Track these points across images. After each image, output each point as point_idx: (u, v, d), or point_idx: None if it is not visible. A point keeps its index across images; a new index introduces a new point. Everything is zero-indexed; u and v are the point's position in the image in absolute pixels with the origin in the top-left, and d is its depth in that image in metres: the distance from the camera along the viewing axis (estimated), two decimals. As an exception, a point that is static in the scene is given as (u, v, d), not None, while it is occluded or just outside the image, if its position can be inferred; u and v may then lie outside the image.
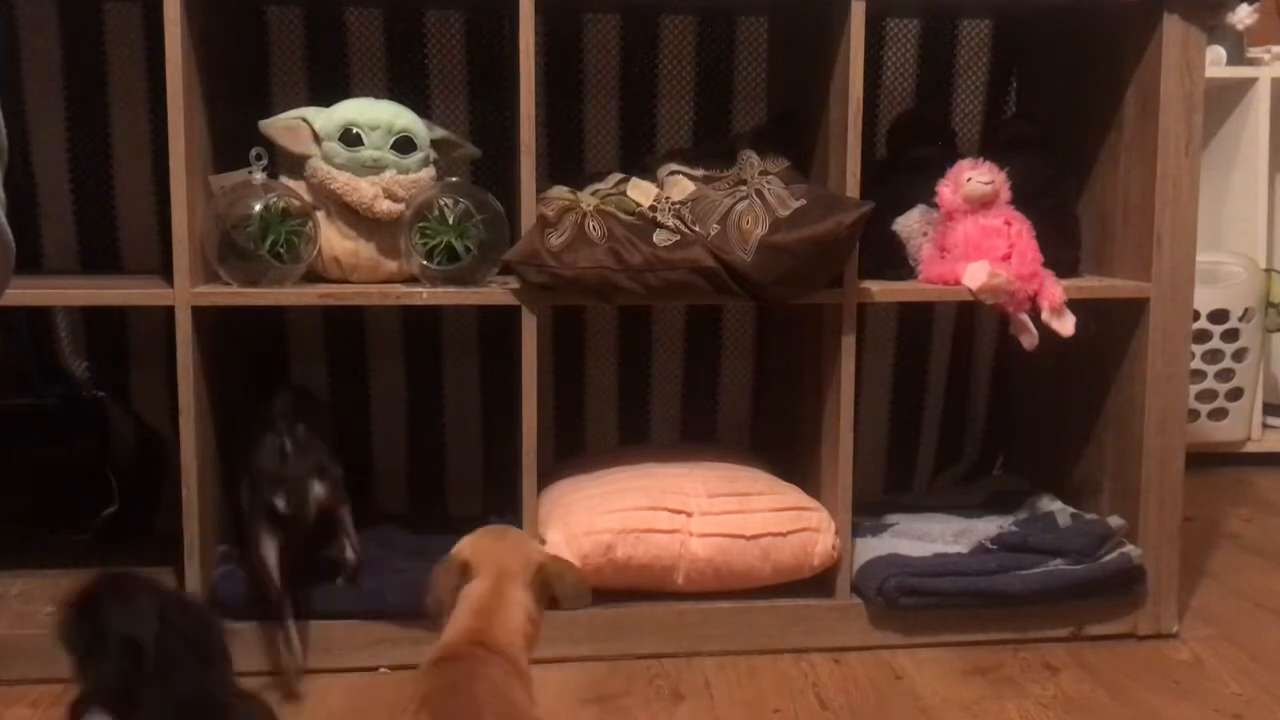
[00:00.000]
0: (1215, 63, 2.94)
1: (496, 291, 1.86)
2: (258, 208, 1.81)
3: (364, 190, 1.86)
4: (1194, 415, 3.01)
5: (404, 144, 1.89)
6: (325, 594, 1.85)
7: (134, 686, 1.19)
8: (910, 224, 2.06)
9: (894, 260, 2.05)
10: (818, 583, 1.97)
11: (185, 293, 1.78)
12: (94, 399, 2.17)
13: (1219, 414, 3.06)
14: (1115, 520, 2.00)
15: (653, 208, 1.91)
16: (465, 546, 1.38)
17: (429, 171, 1.92)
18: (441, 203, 1.86)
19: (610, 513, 1.90)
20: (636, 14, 2.26)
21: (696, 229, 1.87)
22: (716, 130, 2.30)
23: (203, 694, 1.22)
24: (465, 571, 1.35)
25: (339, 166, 1.87)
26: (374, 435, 2.31)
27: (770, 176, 1.95)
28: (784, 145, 2.03)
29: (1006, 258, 1.94)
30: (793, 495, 2.00)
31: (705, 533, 1.91)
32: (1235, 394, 3.06)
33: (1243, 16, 3.03)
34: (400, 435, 2.32)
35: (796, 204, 1.86)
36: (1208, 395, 3.05)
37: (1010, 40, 2.37)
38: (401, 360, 2.32)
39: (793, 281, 1.85)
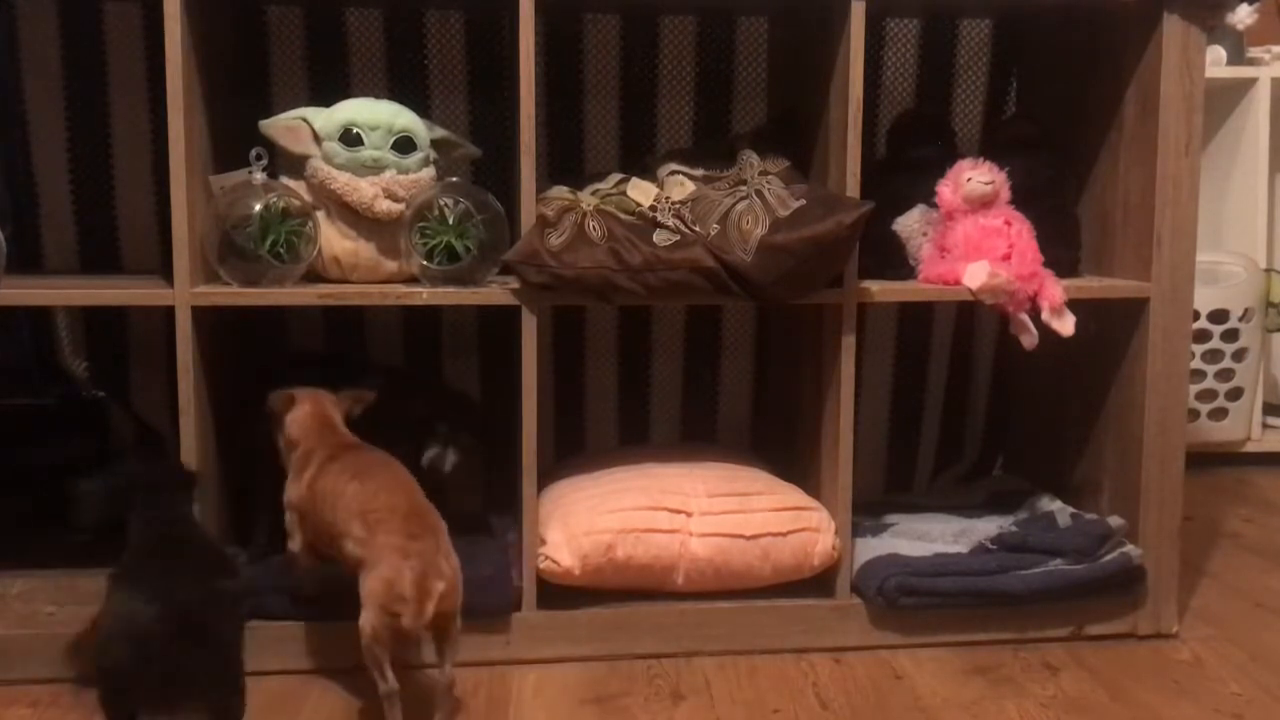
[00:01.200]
0: (1215, 63, 2.95)
1: (496, 291, 1.86)
2: (258, 208, 1.81)
3: (364, 190, 1.86)
4: (1194, 415, 3.01)
5: (404, 144, 1.89)
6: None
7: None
8: (910, 224, 2.06)
9: (894, 260, 2.04)
10: (818, 583, 1.97)
11: (185, 293, 1.78)
12: (94, 399, 2.17)
13: (1219, 414, 3.06)
14: (1115, 520, 2.00)
15: (653, 208, 1.91)
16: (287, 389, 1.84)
17: (429, 171, 1.92)
18: (441, 203, 1.86)
19: (610, 513, 1.90)
20: (636, 14, 2.26)
21: (696, 229, 1.87)
22: (716, 130, 2.31)
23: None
24: (291, 400, 1.80)
25: (339, 166, 1.87)
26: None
27: (770, 176, 1.95)
28: (784, 145, 2.03)
29: (1006, 258, 1.94)
30: (793, 495, 2.00)
31: (705, 532, 1.91)
32: (1235, 394, 3.06)
33: (1243, 16, 3.03)
34: (400, 435, 2.32)
35: (796, 204, 1.86)
36: (1208, 395, 3.05)
37: (1010, 40, 2.37)
38: (401, 360, 2.32)
39: (793, 281, 1.85)
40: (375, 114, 1.89)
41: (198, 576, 1.57)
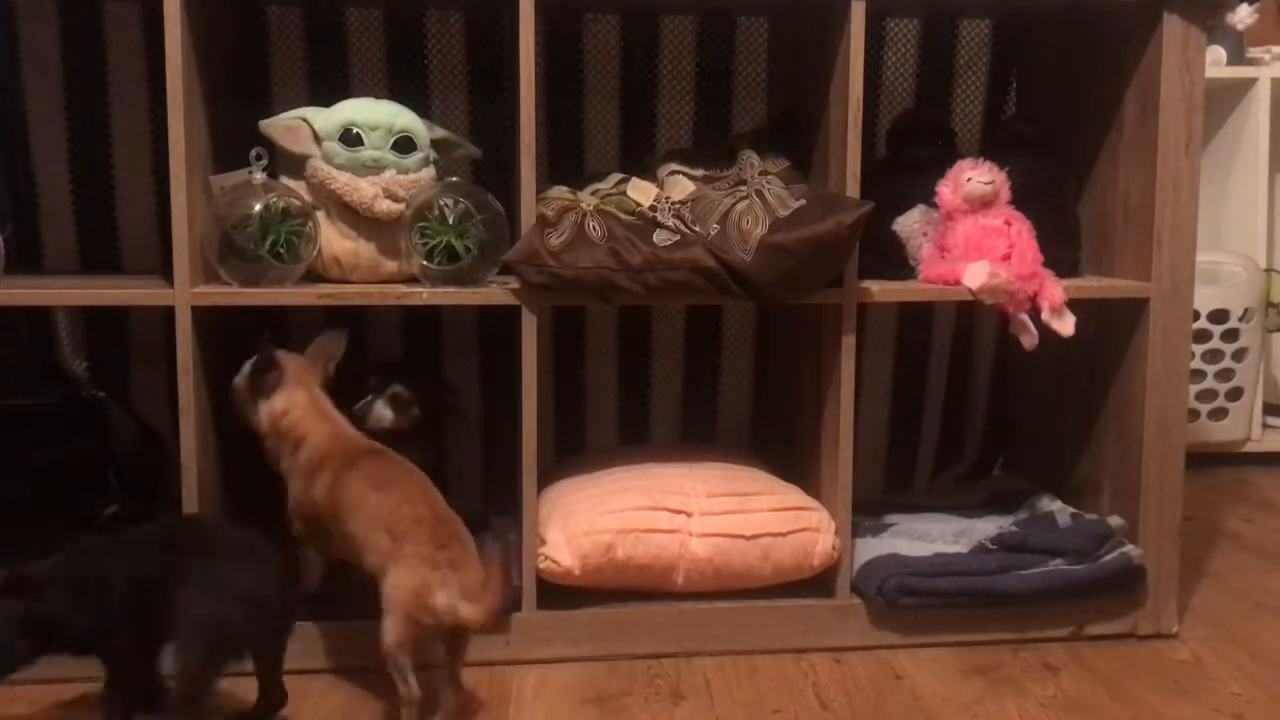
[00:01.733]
0: (1215, 63, 2.95)
1: (496, 291, 1.86)
2: (258, 208, 1.81)
3: (364, 190, 1.86)
4: (1194, 415, 3.01)
5: (404, 144, 1.89)
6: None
7: None
8: (910, 224, 2.06)
9: (894, 260, 2.05)
10: (818, 583, 1.97)
11: (185, 293, 1.78)
12: (94, 399, 2.16)
13: (1219, 414, 3.06)
14: (1115, 520, 2.00)
15: (653, 208, 1.91)
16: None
17: (429, 171, 1.92)
18: (441, 203, 1.86)
19: (610, 513, 1.90)
20: (636, 14, 2.26)
21: (696, 229, 1.87)
22: (716, 130, 2.31)
23: None
24: (280, 375, 1.75)
25: (339, 166, 1.87)
26: (374, 435, 2.31)
27: (770, 176, 1.95)
28: (784, 145, 2.04)
29: (1006, 258, 1.94)
30: (793, 495, 2.00)
31: (705, 533, 1.91)
32: (1235, 394, 3.06)
33: (1243, 16, 3.03)
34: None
35: (796, 204, 1.86)
36: (1208, 395, 3.05)
37: (1010, 40, 2.37)
38: (402, 360, 2.32)
39: (793, 281, 1.85)
40: (375, 114, 1.89)
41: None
